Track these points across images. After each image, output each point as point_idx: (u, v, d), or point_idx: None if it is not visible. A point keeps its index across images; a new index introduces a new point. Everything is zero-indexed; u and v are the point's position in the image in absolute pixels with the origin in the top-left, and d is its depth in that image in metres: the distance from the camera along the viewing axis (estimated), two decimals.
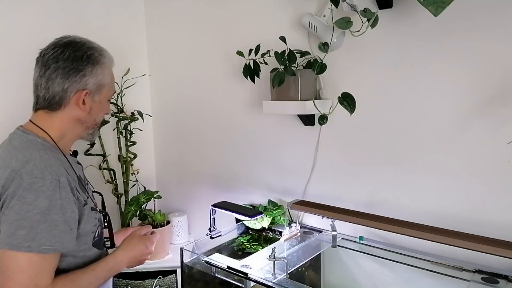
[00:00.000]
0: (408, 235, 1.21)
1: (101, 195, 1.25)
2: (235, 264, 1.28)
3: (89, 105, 1.09)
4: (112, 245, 1.21)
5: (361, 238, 1.41)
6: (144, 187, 2.00)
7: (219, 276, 1.30)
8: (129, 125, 1.99)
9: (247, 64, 1.52)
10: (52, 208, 0.95)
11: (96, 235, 1.12)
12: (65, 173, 1.01)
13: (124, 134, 2.00)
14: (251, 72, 1.52)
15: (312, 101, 1.34)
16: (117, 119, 1.96)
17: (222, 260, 1.32)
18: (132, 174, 2.05)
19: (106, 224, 1.22)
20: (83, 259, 1.08)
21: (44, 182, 0.95)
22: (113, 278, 1.23)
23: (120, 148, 2.02)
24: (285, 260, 1.24)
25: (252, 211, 1.52)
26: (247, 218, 1.52)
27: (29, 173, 0.95)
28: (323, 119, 1.37)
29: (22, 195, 0.94)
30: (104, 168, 1.97)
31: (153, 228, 1.82)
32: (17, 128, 1.08)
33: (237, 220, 1.65)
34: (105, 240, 1.21)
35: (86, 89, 1.07)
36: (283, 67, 1.38)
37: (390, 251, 1.34)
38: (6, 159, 1.00)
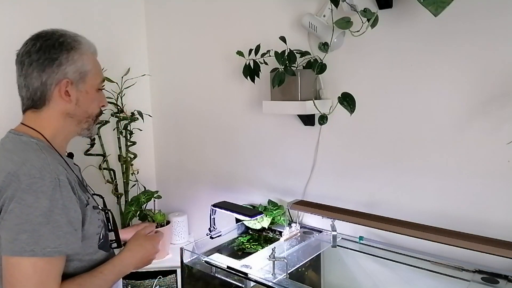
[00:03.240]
0: (408, 235, 1.21)
1: (102, 197, 1.19)
2: (235, 264, 1.28)
3: (74, 96, 1.02)
4: (119, 245, 1.15)
5: (361, 238, 1.41)
6: (144, 187, 2.00)
7: (219, 276, 1.30)
8: (129, 125, 1.99)
9: (247, 64, 1.52)
10: (54, 208, 0.90)
11: (101, 237, 1.07)
12: (65, 172, 0.96)
13: (124, 134, 2.00)
14: (251, 72, 1.52)
15: (312, 101, 1.34)
16: (117, 119, 1.96)
17: (222, 260, 1.32)
18: (132, 174, 2.05)
19: (111, 224, 1.16)
20: (90, 262, 1.03)
21: (44, 182, 0.90)
22: (122, 280, 1.19)
23: (120, 148, 2.02)
24: (285, 260, 1.24)
25: (252, 211, 1.52)
26: (247, 218, 1.52)
27: (26, 174, 0.90)
28: (323, 119, 1.37)
29: (21, 197, 0.89)
30: (104, 168, 1.97)
31: None
32: (9, 132, 1.03)
33: (237, 220, 1.65)
34: (111, 241, 1.15)
35: (67, 78, 1.00)
36: (283, 67, 1.38)
37: (390, 251, 1.34)
38: (1, 163, 0.96)
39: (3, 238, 0.90)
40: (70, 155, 1.17)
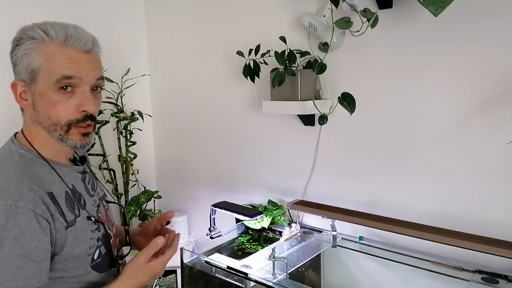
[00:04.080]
0: (408, 235, 1.21)
1: (122, 206, 1.08)
2: (235, 264, 1.28)
3: (30, 100, 0.88)
4: (112, 265, 1.02)
5: (361, 238, 1.41)
6: (144, 187, 2.00)
7: (219, 276, 1.30)
8: (129, 125, 1.99)
9: (247, 64, 1.52)
10: (4, 240, 0.78)
11: (95, 257, 0.95)
12: (33, 195, 0.82)
13: (124, 134, 2.00)
14: (251, 72, 1.52)
15: (312, 101, 1.34)
16: (117, 119, 1.96)
17: (222, 260, 1.32)
18: (132, 174, 2.05)
19: (128, 241, 1.05)
20: (80, 284, 0.93)
21: None
22: None
23: (120, 148, 2.02)
24: (285, 260, 1.24)
25: (252, 211, 1.52)
26: (247, 218, 1.52)
27: None
28: (323, 119, 1.37)
29: None
30: (104, 168, 1.97)
31: None
32: (11, 137, 0.95)
33: (237, 220, 1.65)
34: (118, 258, 1.03)
35: (19, 80, 0.88)
36: (283, 67, 1.38)
37: (390, 251, 1.34)
38: None
39: None
40: (82, 159, 1.05)
